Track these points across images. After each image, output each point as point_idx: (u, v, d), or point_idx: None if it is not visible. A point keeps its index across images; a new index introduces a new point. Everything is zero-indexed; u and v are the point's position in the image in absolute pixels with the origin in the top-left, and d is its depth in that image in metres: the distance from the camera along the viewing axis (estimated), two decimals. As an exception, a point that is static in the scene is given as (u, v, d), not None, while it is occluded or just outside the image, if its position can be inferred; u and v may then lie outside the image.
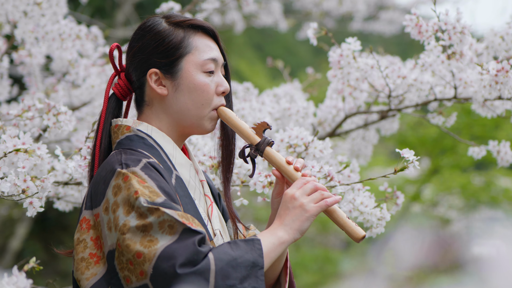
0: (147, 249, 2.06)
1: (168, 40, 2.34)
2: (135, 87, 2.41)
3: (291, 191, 2.25)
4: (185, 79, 2.34)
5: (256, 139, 2.36)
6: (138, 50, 2.38)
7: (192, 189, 2.35)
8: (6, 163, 2.61)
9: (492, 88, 3.42)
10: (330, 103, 4.28)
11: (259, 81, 11.63)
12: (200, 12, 4.47)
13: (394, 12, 10.38)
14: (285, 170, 2.32)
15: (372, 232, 2.99)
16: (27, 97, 4.26)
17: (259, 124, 2.37)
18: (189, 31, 2.36)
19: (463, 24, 3.46)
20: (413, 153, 2.60)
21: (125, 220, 2.10)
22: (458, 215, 11.13)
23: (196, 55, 2.35)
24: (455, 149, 10.29)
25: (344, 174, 3.26)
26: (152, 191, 2.13)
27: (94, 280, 2.17)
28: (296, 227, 2.21)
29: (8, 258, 8.27)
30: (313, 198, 2.23)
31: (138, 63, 2.37)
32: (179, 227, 2.08)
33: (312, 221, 2.24)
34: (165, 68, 2.34)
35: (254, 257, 2.12)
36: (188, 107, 2.35)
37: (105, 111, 2.41)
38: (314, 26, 3.71)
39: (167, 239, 2.07)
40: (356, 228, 2.26)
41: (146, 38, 2.37)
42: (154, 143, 2.33)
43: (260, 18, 9.06)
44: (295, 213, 2.22)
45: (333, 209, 2.27)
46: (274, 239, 2.20)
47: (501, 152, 3.86)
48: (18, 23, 3.88)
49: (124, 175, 2.16)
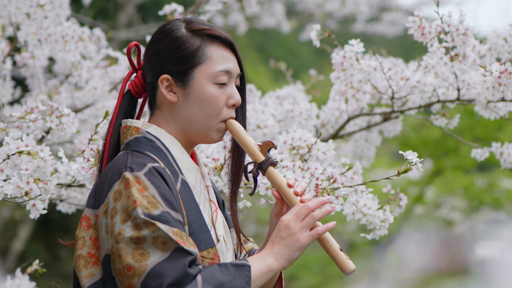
0: (138, 264, 2.06)
1: (184, 47, 2.33)
2: (149, 88, 2.41)
3: (287, 219, 2.24)
4: (195, 89, 2.33)
5: (260, 158, 2.35)
6: (153, 54, 2.37)
7: (198, 194, 2.35)
8: (9, 165, 2.61)
9: (495, 89, 3.42)
10: (333, 105, 4.27)
11: (262, 82, 11.64)
12: (203, 14, 4.46)
13: (397, 13, 10.39)
14: (285, 193, 2.32)
15: (375, 234, 2.98)
16: (30, 99, 4.26)
17: (265, 143, 2.36)
18: (206, 40, 2.35)
19: (466, 25, 3.46)
20: (416, 155, 2.59)
21: (120, 229, 2.10)
22: (461, 216, 11.13)
23: (209, 66, 2.33)
24: (458, 150, 10.29)
25: (347, 176, 3.25)
26: (151, 202, 2.13)
27: (92, 281, 2.18)
28: (286, 256, 2.22)
29: (11, 260, 8.28)
30: (305, 225, 2.23)
31: (152, 66, 2.37)
32: (172, 245, 2.08)
33: (303, 251, 2.24)
34: (177, 75, 2.33)
35: (242, 285, 2.13)
36: (196, 117, 2.34)
37: (118, 107, 2.41)
38: (317, 28, 3.71)
39: (158, 255, 2.07)
40: (347, 261, 2.26)
41: (163, 42, 2.35)
42: (162, 146, 2.33)
43: (262, 19, 9.07)
44: (287, 243, 2.22)
45: (325, 238, 2.27)
46: (263, 266, 2.20)
47: (504, 153, 3.85)
48: (21, 25, 3.88)
49: (126, 181, 2.16)
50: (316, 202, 2.26)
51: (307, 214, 2.24)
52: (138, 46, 2.44)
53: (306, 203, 2.26)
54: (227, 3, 4.58)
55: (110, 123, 2.40)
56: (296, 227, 2.23)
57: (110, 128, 2.40)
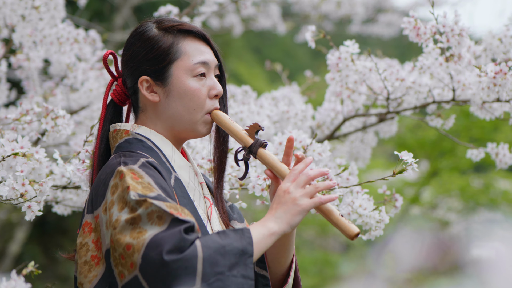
0: (135, 240, 2.05)
1: (157, 46, 2.34)
2: (130, 93, 2.42)
3: (285, 185, 2.23)
4: (175, 85, 2.34)
5: (249, 141, 2.35)
6: (129, 58, 2.38)
7: (192, 191, 2.36)
8: (5, 167, 2.61)
9: (490, 90, 3.42)
10: (328, 106, 4.28)
11: (258, 84, 11.63)
12: (199, 16, 4.46)
13: (393, 14, 10.38)
14: (278, 170, 2.31)
15: (371, 235, 2.98)
16: (25, 101, 4.25)
17: (251, 126, 2.36)
18: (179, 36, 2.37)
19: (461, 26, 3.46)
20: (412, 156, 2.59)
21: (118, 216, 2.10)
22: (457, 217, 11.13)
23: (185, 60, 2.35)
24: (454, 151, 10.30)
25: (343, 176, 3.26)
26: (146, 187, 2.13)
27: (95, 282, 2.18)
28: (287, 220, 2.20)
29: (7, 262, 8.27)
30: (306, 192, 2.21)
31: (130, 70, 2.39)
32: (168, 217, 2.07)
33: (304, 216, 2.23)
34: (155, 75, 2.35)
35: (243, 245, 2.11)
36: (180, 112, 2.35)
37: (103, 118, 2.42)
38: (312, 29, 3.71)
39: (155, 229, 2.06)
40: (350, 225, 2.23)
41: (137, 45, 2.37)
42: (153, 145, 2.34)
43: (258, 21, 9.06)
44: (287, 207, 2.20)
45: (325, 207, 2.25)
46: (264, 229, 2.18)
47: (499, 154, 3.86)
48: (16, 27, 3.87)
49: (120, 173, 2.17)
50: (316, 171, 2.25)
51: (307, 182, 2.22)
52: (114, 54, 2.45)
53: (306, 171, 2.24)
54: (223, 4, 4.58)
55: (97, 134, 2.41)
56: (296, 192, 2.21)
57: (97, 138, 2.41)
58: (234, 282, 2.06)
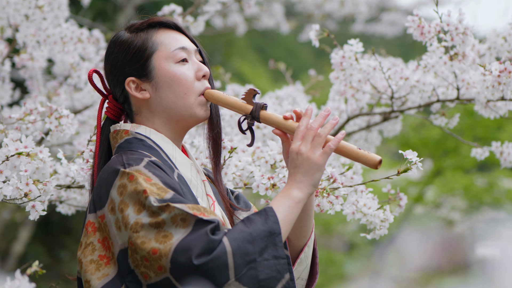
0: (162, 245, 2.06)
1: (133, 45, 2.36)
2: (122, 102, 2.43)
3: (295, 146, 2.23)
4: (160, 76, 2.35)
5: (249, 108, 2.35)
6: (111, 67, 2.40)
7: (194, 188, 2.36)
8: (8, 167, 2.61)
9: (494, 89, 3.41)
10: (332, 105, 4.27)
11: (261, 83, 11.63)
12: (202, 15, 4.45)
13: (396, 13, 10.38)
14: (286, 127, 2.31)
15: (376, 234, 2.97)
16: (29, 100, 4.25)
17: (247, 92, 2.37)
18: (150, 31, 2.39)
19: (465, 25, 3.45)
20: (416, 154, 2.59)
21: (137, 219, 2.10)
22: (461, 216, 11.12)
23: (163, 50, 2.36)
24: (458, 150, 10.28)
25: (347, 176, 3.25)
26: (160, 188, 2.14)
27: (106, 280, 2.17)
28: (309, 181, 2.21)
29: (11, 262, 8.27)
30: (315, 145, 2.21)
31: (114, 78, 2.40)
32: (191, 219, 2.09)
33: (323, 170, 2.23)
34: (138, 72, 2.36)
35: (270, 226, 2.12)
36: (173, 100, 2.36)
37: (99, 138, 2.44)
38: (316, 27, 3.70)
39: (181, 233, 2.07)
40: (371, 154, 2.24)
41: (114, 52, 2.39)
42: (154, 144, 2.34)
43: (262, 20, 9.06)
44: (304, 168, 2.21)
45: (340, 146, 2.24)
46: (289, 201, 2.19)
47: (504, 153, 3.85)
48: (20, 26, 3.87)
49: (129, 174, 2.17)
50: (319, 120, 2.25)
51: (314, 135, 2.22)
52: (98, 72, 2.47)
53: (309, 125, 2.24)
54: (226, 3, 4.58)
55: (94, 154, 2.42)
56: (307, 150, 2.21)
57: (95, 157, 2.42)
58: (267, 265, 2.08)
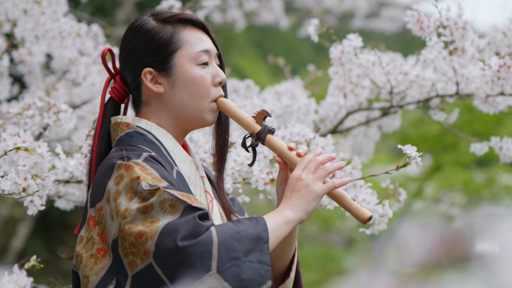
0: (148, 228, 2.04)
1: (158, 37, 2.33)
2: (131, 88, 2.40)
3: (296, 173, 2.23)
4: (180, 74, 2.33)
5: (256, 128, 2.35)
6: (129, 52, 2.37)
7: (193, 185, 2.35)
8: (7, 162, 2.61)
9: (494, 84, 3.41)
10: (331, 100, 4.27)
11: (261, 78, 11.62)
12: (201, 10, 4.45)
13: (395, 9, 10.36)
14: (288, 157, 2.31)
15: (375, 229, 2.98)
16: (27, 95, 4.25)
17: (259, 113, 2.36)
18: (178, 26, 2.36)
19: (464, 20, 3.45)
20: (415, 149, 2.58)
21: (127, 205, 2.09)
22: (460, 212, 11.12)
23: (188, 49, 2.34)
24: (457, 146, 10.28)
25: (346, 171, 3.25)
26: (155, 177, 2.13)
27: (102, 273, 2.16)
28: (302, 206, 2.20)
29: (10, 257, 8.27)
30: (318, 176, 2.21)
31: (131, 64, 2.37)
32: (181, 205, 2.07)
33: (319, 201, 2.22)
34: (158, 66, 2.34)
35: (258, 231, 2.10)
36: (187, 101, 2.34)
37: (101, 116, 2.41)
38: (315, 23, 3.70)
39: (168, 218, 2.06)
40: (362, 209, 2.24)
41: (136, 38, 2.36)
42: (154, 139, 2.33)
43: (261, 16, 9.04)
44: (302, 193, 2.20)
45: (337, 191, 2.25)
46: (281, 218, 2.18)
47: (503, 148, 3.84)
48: (18, 21, 3.87)
49: (126, 165, 2.16)
50: (324, 156, 2.25)
51: (318, 167, 2.23)
52: (112, 51, 2.44)
53: (315, 157, 2.24)
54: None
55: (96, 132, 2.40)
56: (309, 178, 2.21)
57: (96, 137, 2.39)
58: (251, 267, 2.05)
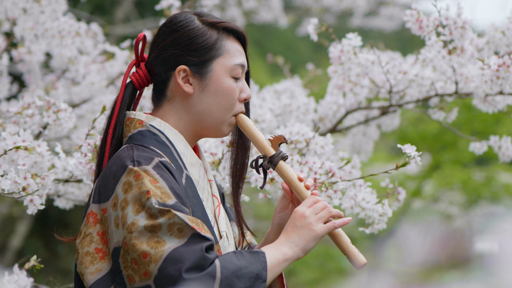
0: (153, 250, 2.04)
1: (203, 39, 2.32)
2: (158, 80, 2.37)
3: (302, 209, 2.26)
4: (213, 81, 2.32)
5: (270, 152, 2.35)
6: (170, 44, 2.33)
7: (201, 189, 2.34)
8: (6, 161, 2.61)
9: (493, 83, 3.41)
10: (331, 99, 4.27)
11: (260, 77, 11.63)
12: (200, 8, 4.45)
13: (394, 8, 10.37)
14: (296, 187, 2.33)
15: (374, 228, 2.98)
16: (27, 94, 4.25)
17: (276, 137, 2.37)
18: (223, 34, 2.35)
19: (464, 19, 3.45)
20: (415, 149, 2.59)
21: (134, 219, 2.08)
22: (459, 210, 11.13)
23: (227, 59, 2.33)
24: (456, 144, 10.29)
25: (346, 170, 3.25)
26: (164, 192, 2.12)
27: (98, 276, 2.15)
28: (301, 245, 2.22)
29: (9, 256, 8.27)
30: (321, 217, 2.24)
31: (168, 57, 2.33)
32: (189, 231, 2.07)
33: (317, 242, 2.25)
34: (195, 66, 2.32)
35: (259, 270, 2.12)
36: (212, 109, 2.33)
37: (121, 99, 2.37)
38: (315, 21, 3.70)
39: (174, 242, 2.05)
40: (358, 254, 2.27)
41: (179, 33, 2.33)
42: (167, 140, 2.31)
43: (260, 14, 9.04)
44: (302, 232, 2.23)
45: (337, 232, 2.28)
46: (279, 254, 2.20)
47: (502, 147, 3.85)
48: (18, 20, 3.87)
49: (136, 172, 2.14)
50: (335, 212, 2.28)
51: (323, 209, 2.25)
52: (145, 38, 2.41)
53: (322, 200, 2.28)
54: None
55: (112, 115, 2.35)
56: (312, 217, 2.23)
57: (112, 120, 2.35)
58: None
